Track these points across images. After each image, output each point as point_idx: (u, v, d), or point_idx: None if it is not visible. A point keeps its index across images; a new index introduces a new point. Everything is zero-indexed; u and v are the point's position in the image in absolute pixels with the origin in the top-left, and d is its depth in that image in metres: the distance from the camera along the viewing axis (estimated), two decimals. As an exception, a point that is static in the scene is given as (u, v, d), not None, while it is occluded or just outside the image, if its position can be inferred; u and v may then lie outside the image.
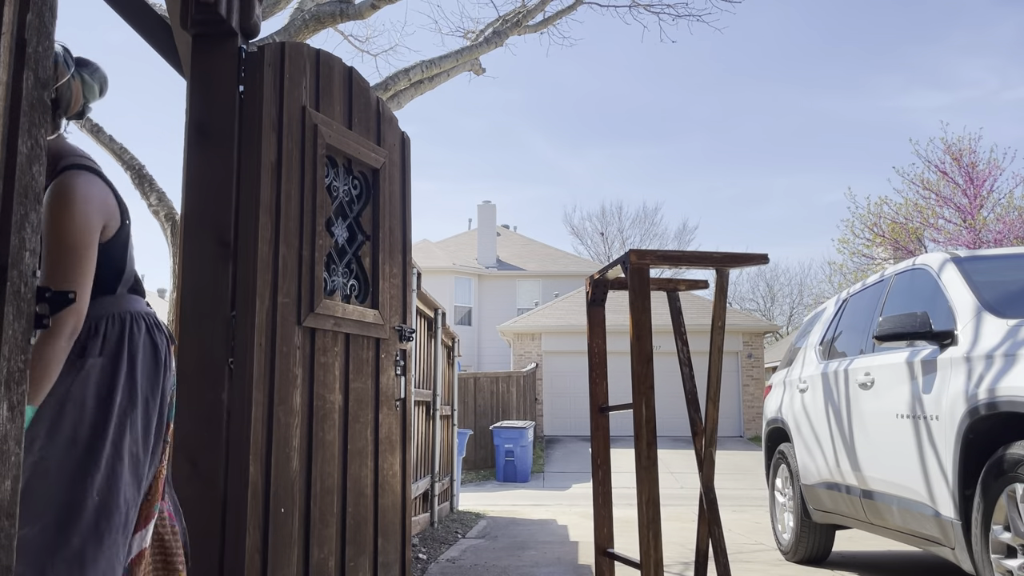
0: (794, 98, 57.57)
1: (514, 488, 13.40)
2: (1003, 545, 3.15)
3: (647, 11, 10.92)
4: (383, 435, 3.57)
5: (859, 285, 5.20)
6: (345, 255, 3.46)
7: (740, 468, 15.72)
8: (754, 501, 10.60)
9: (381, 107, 3.74)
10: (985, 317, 3.52)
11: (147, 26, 3.23)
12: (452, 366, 8.89)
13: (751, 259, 2.91)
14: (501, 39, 9.80)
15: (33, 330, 1.26)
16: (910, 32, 55.91)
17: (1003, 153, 25.95)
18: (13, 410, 1.18)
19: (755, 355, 21.81)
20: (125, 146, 7.30)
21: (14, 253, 1.19)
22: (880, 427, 4.13)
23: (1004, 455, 3.12)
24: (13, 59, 1.22)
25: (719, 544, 2.90)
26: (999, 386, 3.15)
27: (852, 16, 55.62)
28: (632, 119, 59.77)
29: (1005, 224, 17.78)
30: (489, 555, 5.80)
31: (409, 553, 3.79)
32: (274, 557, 2.87)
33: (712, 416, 3.00)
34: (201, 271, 2.90)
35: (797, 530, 5.31)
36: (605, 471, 3.28)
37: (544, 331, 21.98)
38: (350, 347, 3.36)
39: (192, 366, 2.83)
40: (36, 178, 1.24)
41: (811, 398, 5.13)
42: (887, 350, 4.22)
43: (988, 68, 55.40)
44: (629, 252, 2.80)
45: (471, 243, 30.96)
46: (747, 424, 21.36)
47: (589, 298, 3.36)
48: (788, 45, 58.19)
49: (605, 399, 3.31)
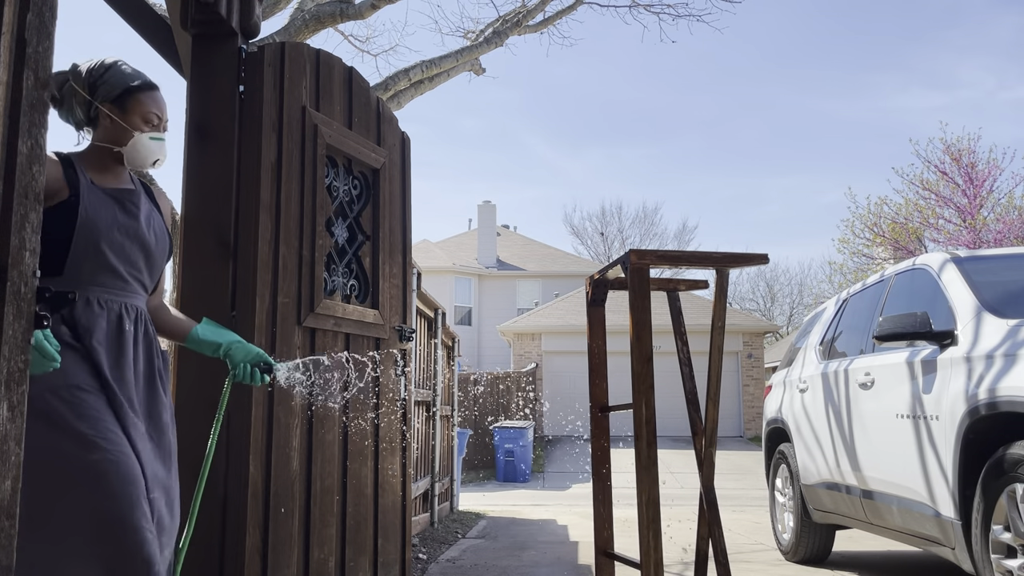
0: (793, 98, 57.59)
1: (514, 488, 13.40)
2: (1003, 545, 3.15)
3: (647, 11, 10.92)
4: (383, 435, 3.57)
5: (859, 285, 5.20)
6: (345, 255, 3.46)
7: (740, 468, 15.72)
8: (754, 501, 10.60)
9: (381, 107, 3.74)
10: (985, 317, 3.52)
11: (147, 26, 3.22)
12: (452, 366, 8.89)
13: (751, 259, 2.91)
14: (501, 39, 9.79)
15: (33, 330, 1.26)
16: (908, 33, 55.93)
17: (1002, 153, 26.00)
18: (13, 410, 1.18)
19: (755, 355, 21.81)
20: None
21: (14, 253, 1.19)
22: (880, 427, 4.13)
23: (1004, 455, 3.12)
24: (13, 59, 1.22)
25: (719, 544, 2.90)
26: (999, 386, 3.15)
27: (850, 17, 55.64)
28: (632, 119, 59.79)
29: (1005, 224, 17.77)
30: (489, 555, 5.80)
31: (409, 553, 3.79)
32: (274, 557, 2.87)
33: (712, 416, 3.00)
34: (201, 271, 2.90)
35: (797, 530, 5.31)
36: (605, 471, 3.28)
37: (544, 331, 21.98)
38: (350, 347, 3.36)
39: (192, 366, 2.83)
40: (36, 178, 1.24)
41: (811, 398, 5.13)
42: (887, 350, 4.22)
43: (986, 68, 55.47)
44: (629, 252, 2.80)
45: (471, 243, 30.95)
46: (747, 424, 21.36)
47: (589, 298, 3.36)
48: (787, 46, 58.21)
49: (605, 399, 3.31)
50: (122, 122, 2.13)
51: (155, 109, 2.18)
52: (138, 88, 2.17)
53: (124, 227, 2.09)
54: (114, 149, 2.14)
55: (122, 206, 2.11)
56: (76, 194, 2.02)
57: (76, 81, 2.14)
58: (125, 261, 2.08)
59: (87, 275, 2.01)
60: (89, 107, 2.14)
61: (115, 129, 2.14)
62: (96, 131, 2.16)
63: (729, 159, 58.90)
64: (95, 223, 2.02)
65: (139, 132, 2.14)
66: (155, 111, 2.18)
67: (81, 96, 2.13)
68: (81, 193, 2.03)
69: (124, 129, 2.14)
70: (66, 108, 2.16)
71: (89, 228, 2.01)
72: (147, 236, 2.13)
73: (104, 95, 2.14)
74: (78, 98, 2.14)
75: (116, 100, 2.14)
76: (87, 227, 2.01)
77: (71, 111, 2.16)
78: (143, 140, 2.15)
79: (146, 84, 2.19)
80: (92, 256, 2.01)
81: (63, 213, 1.99)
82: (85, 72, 2.15)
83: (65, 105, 2.16)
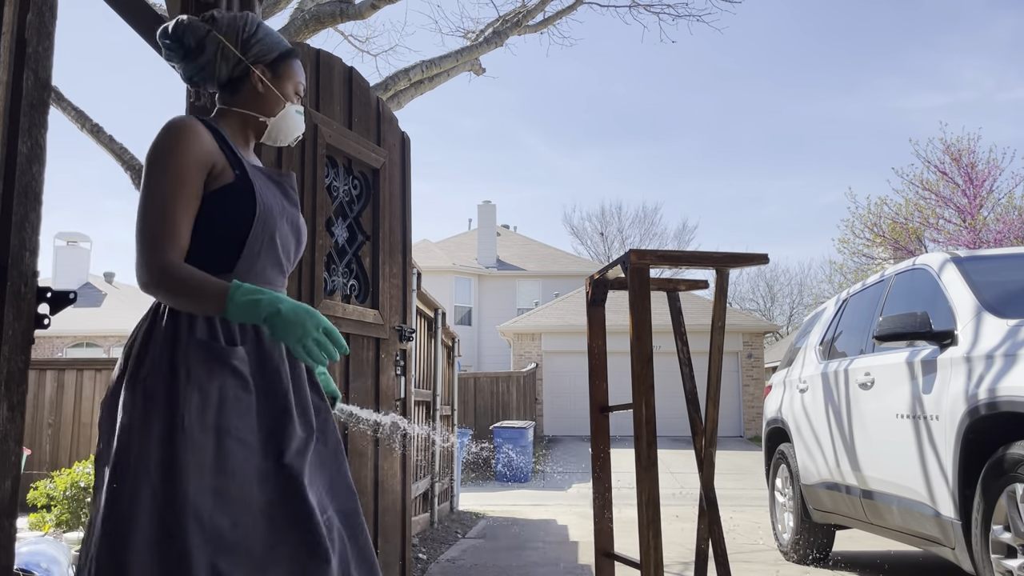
0: (793, 99, 57.60)
1: (514, 488, 13.40)
2: (1003, 545, 3.15)
3: (647, 11, 10.92)
4: (383, 435, 3.57)
5: (859, 285, 5.20)
6: (345, 255, 3.46)
7: (740, 468, 15.72)
8: (754, 501, 10.60)
9: (381, 107, 3.74)
10: (985, 317, 3.52)
11: (147, 26, 3.22)
12: (452, 366, 8.89)
13: (751, 259, 2.91)
14: (501, 39, 9.79)
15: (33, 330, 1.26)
16: (908, 34, 55.95)
17: (1002, 153, 25.97)
18: (13, 410, 1.18)
19: (755, 355, 21.80)
20: (125, 146, 7.30)
21: (14, 253, 1.19)
22: (880, 427, 4.13)
23: (1004, 455, 3.12)
24: (13, 59, 1.22)
25: (719, 544, 2.90)
26: (999, 386, 3.15)
27: (850, 18, 55.64)
28: (632, 119, 59.80)
29: (1005, 224, 17.77)
30: (489, 555, 5.80)
31: (409, 553, 3.79)
32: (274, 557, 2.87)
33: (712, 416, 3.00)
34: (201, 271, 2.89)
35: (797, 530, 5.31)
36: (605, 471, 3.28)
37: (544, 331, 21.98)
38: (350, 347, 3.36)
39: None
40: (36, 178, 1.24)
41: (811, 398, 5.13)
42: (887, 350, 4.22)
43: (985, 69, 55.47)
44: (629, 252, 2.80)
45: (471, 243, 30.95)
46: (747, 424, 21.35)
47: (589, 298, 3.35)
48: (786, 46, 58.21)
49: (605, 399, 3.31)
50: (275, 89, 1.89)
51: (303, 80, 1.95)
52: (293, 53, 1.94)
53: (289, 217, 1.87)
54: (260, 119, 1.89)
55: (284, 192, 1.89)
56: (244, 176, 1.78)
57: (225, 34, 1.85)
58: (286, 255, 1.87)
59: (259, 272, 1.79)
60: (236, 66, 1.86)
61: (267, 97, 1.89)
62: (236, 95, 1.88)
63: (729, 159, 58.94)
64: (271, 211, 1.80)
65: (289, 103, 1.91)
66: (303, 82, 1.95)
67: (231, 52, 1.85)
68: (250, 175, 1.79)
69: (276, 98, 1.89)
70: (202, 62, 1.85)
71: (265, 218, 1.78)
72: (303, 227, 1.93)
73: (257, 55, 1.87)
74: (226, 52, 1.85)
75: (271, 64, 1.89)
76: (264, 217, 1.78)
77: (213, 67, 1.86)
78: (291, 112, 1.92)
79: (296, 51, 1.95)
80: (267, 250, 1.80)
81: (233, 199, 1.74)
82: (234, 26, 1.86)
83: (202, 58, 1.85)
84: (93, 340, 25.24)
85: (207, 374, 1.65)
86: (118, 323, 25.18)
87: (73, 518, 5.61)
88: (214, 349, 1.68)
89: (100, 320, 25.60)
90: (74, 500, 5.64)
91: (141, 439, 1.60)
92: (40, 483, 5.89)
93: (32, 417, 8.18)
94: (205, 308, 1.65)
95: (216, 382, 1.66)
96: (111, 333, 25.07)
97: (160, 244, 1.65)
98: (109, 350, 24.84)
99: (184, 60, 1.86)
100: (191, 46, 1.84)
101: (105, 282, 29.19)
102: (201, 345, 1.67)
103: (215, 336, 1.70)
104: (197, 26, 1.84)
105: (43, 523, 5.65)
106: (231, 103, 1.88)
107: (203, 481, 1.59)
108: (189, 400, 1.62)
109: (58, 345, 25.19)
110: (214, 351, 1.68)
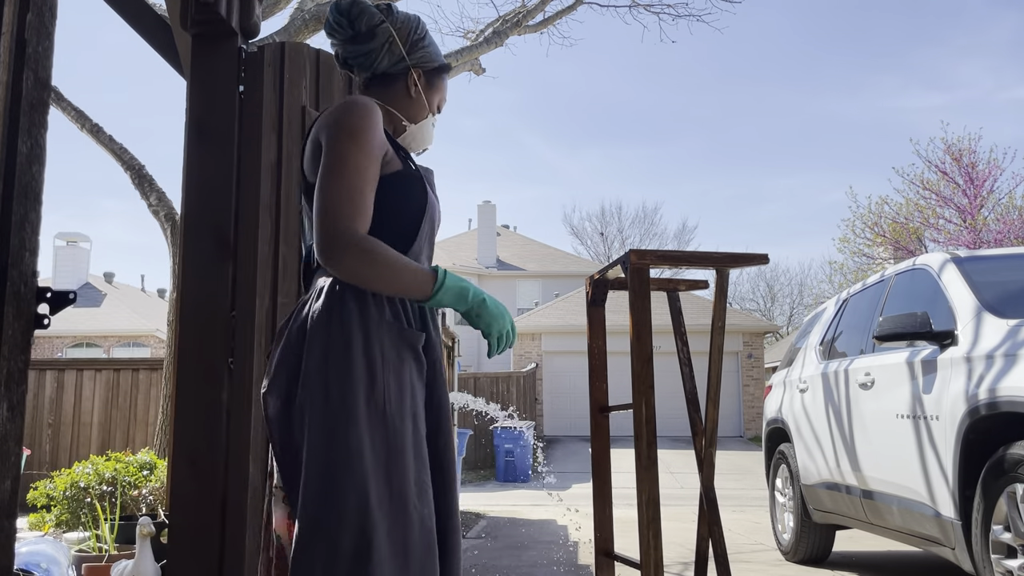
0: (793, 98, 57.60)
1: (514, 488, 13.40)
2: (1003, 545, 3.15)
3: (647, 11, 10.93)
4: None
5: (859, 285, 5.20)
6: (345, 255, 3.46)
7: (740, 468, 15.72)
8: (754, 501, 10.60)
9: (381, 107, 3.74)
10: (985, 317, 3.52)
11: (147, 26, 3.23)
12: (452, 366, 8.89)
13: (751, 259, 2.91)
14: (501, 39, 9.79)
15: (33, 330, 1.26)
16: (908, 33, 55.96)
17: (1003, 153, 25.99)
18: (13, 410, 1.18)
19: (755, 355, 21.80)
20: (125, 146, 7.30)
21: (14, 253, 1.19)
22: (880, 427, 4.12)
23: (1004, 455, 3.12)
24: (13, 59, 1.22)
25: (719, 544, 2.89)
26: (999, 386, 3.15)
27: (850, 17, 55.66)
28: (632, 119, 59.80)
29: (1005, 224, 17.77)
30: (489, 555, 5.80)
31: (409, 553, 3.78)
32: (274, 557, 2.87)
33: (712, 416, 3.00)
34: (201, 271, 2.89)
35: (797, 530, 5.31)
36: (605, 471, 3.28)
37: (544, 331, 21.98)
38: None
39: (192, 366, 2.83)
40: (36, 178, 1.24)
41: (811, 398, 5.13)
42: (887, 350, 4.22)
43: (985, 69, 55.48)
44: (629, 252, 2.80)
45: (471, 243, 30.95)
46: (747, 424, 21.35)
47: (589, 298, 3.35)
48: (786, 46, 58.21)
49: (605, 399, 3.31)
50: (426, 97, 1.88)
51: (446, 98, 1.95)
52: (447, 69, 1.93)
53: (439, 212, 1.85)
54: (403, 121, 1.86)
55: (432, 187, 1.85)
56: (410, 164, 1.77)
57: (398, 30, 1.84)
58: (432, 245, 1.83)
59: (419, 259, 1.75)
60: (397, 63, 1.84)
61: (416, 102, 1.86)
62: (386, 91, 1.85)
63: (729, 159, 58.93)
64: (435, 204, 1.79)
65: (431, 115, 1.90)
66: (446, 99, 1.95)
67: (398, 48, 1.83)
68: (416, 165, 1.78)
69: (423, 105, 1.87)
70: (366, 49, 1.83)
71: (431, 210, 1.77)
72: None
73: (419, 60, 1.86)
74: (393, 47, 1.83)
75: (428, 72, 1.88)
76: (433, 207, 1.77)
77: (375, 57, 1.83)
78: (430, 123, 1.90)
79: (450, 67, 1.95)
80: (428, 242, 1.78)
81: (405, 186, 1.73)
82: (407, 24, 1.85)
83: (368, 45, 1.82)
84: (93, 340, 25.25)
85: (397, 358, 1.62)
86: (118, 323, 25.18)
87: (73, 518, 5.61)
88: (404, 333, 1.64)
89: (100, 320, 25.60)
90: (74, 500, 5.64)
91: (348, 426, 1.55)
92: (40, 483, 5.89)
93: (32, 417, 8.18)
94: (405, 286, 1.60)
95: (406, 367, 1.63)
96: (111, 333, 25.07)
97: (353, 214, 1.59)
98: (109, 350, 24.84)
99: (348, 42, 1.84)
100: (361, 30, 1.82)
101: (105, 282, 29.19)
102: (392, 327, 1.63)
103: (401, 319, 1.66)
104: (372, 13, 1.83)
105: (43, 523, 5.65)
106: (381, 97, 1.86)
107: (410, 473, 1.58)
108: (389, 385, 1.59)
109: (58, 345, 25.19)
110: (404, 335, 1.64)
